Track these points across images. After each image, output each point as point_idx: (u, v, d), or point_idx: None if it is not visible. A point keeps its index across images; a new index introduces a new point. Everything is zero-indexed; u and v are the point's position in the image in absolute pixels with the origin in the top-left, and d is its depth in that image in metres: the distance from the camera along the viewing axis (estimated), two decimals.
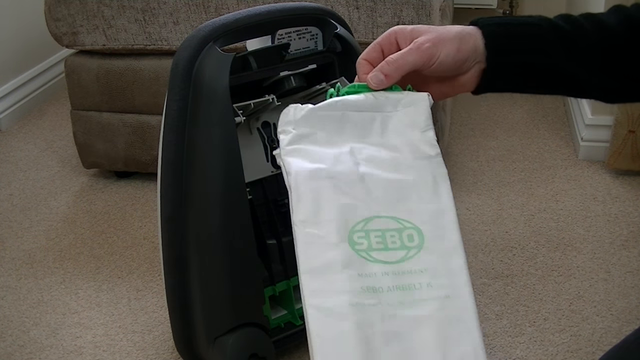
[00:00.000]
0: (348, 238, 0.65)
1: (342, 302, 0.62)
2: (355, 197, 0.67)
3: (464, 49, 0.73)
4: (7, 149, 2.06)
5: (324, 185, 0.67)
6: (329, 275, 0.64)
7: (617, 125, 1.69)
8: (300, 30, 1.12)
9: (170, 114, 1.03)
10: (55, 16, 1.64)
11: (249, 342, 1.06)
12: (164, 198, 1.06)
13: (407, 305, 0.64)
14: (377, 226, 0.67)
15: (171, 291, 1.10)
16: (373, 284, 0.64)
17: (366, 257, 0.65)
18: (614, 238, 1.51)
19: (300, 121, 0.71)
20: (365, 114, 0.72)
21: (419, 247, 0.66)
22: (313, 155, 0.69)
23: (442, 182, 0.70)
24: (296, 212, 0.66)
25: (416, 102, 0.73)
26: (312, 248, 0.65)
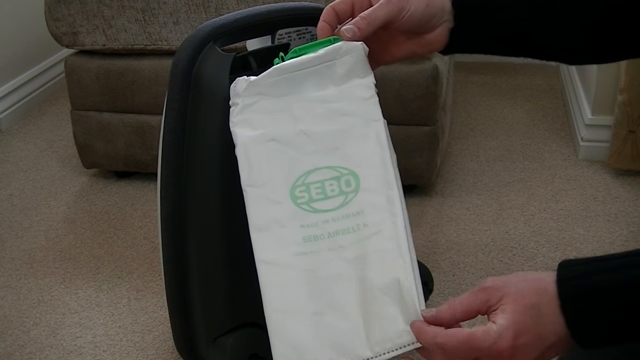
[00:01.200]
0: (290, 194, 0.71)
1: (286, 253, 0.69)
2: (294, 154, 0.72)
3: (433, 5, 0.76)
4: (7, 149, 2.07)
5: (266, 149, 0.73)
6: (274, 231, 0.70)
7: (617, 125, 1.69)
8: (300, 30, 1.12)
9: (170, 114, 1.03)
10: (55, 16, 1.64)
11: (249, 342, 1.06)
12: (164, 198, 1.06)
13: (346, 247, 0.69)
14: (317, 178, 0.72)
15: (171, 291, 1.10)
16: (314, 232, 0.69)
17: (307, 209, 0.70)
18: (614, 238, 1.51)
19: (245, 92, 0.77)
20: (304, 71, 0.76)
21: (355, 190, 0.71)
22: (256, 122, 0.75)
23: (373, 123, 0.74)
24: (243, 177, 0.73)
25: (352, 51, 0.76)
26: (258, 207, 0.71)
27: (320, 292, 0.68)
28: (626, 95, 1.66)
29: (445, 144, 1.79)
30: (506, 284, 0.64)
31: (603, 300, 0.61)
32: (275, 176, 0.72)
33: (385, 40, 0.79)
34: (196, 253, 1.05)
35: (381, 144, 0.73)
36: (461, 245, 1.51)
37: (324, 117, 0.75)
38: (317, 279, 0.68)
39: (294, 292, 0.68)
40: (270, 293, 0.69)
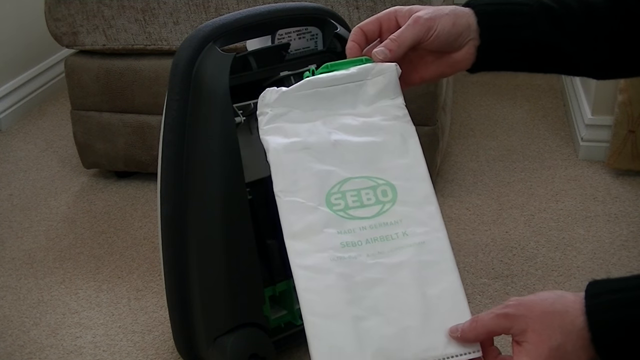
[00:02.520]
0: (325, 201, 0.70)
1: (324, 258, 0.67)
2: (329, 163, 0.72)
3: (459, 24, 0.76)
4: (7, 149, 2.07)
5: (300, 156, 0.72)
6: (310, 237, 0.68)
7: (617, 125, 1.69)
8: (300, 30, 1.12)
9: (170, 114, 1.03)
10: (55, 16, 1.64)
11: (249, 342, 1.06)
12: (164, 198, 1.06)
13: (386, 254, 0.68)
14: (352, 186, 0.71)
15: (171, 291, 1.10)
16: (352, 238, 0.68)
17: (344, 215, 0.69)
18: (614, 238, 1.51)
19: (275, 102, 0.76)
20: (336, 88, 0.76)
21: (392, 200, 0.70)
22: (288, 131, 0.74)
23: (410, 139, 0.74)
24: (275, 183, 0.71)
25: (384, 71, 0.76)
26: (293, 214, 0.69)
27: (360, 296, 0.66)
28: (626, 95, 1.66)
29: (445, 144, 1.79)
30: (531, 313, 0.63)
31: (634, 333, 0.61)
32: (310, 184, 0.70)
33: (414, 61, 0.80)
34: (196, 253, 1.05)
35: (418, 160, 0.73)
36: (461, 245, 1.51)
37: (359, 130, 0.74)
38: (357, 284, 0.66)
39: (333, 295, 0.66)
40: (308, 297, 0.66)
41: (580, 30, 0.77)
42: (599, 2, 0.78)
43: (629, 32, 0.77)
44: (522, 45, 0.78)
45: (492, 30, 0.78)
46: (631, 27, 0.77)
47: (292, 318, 1.18)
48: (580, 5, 0.78)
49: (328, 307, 0.66)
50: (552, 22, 0.77)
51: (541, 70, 0.83)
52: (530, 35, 0.77)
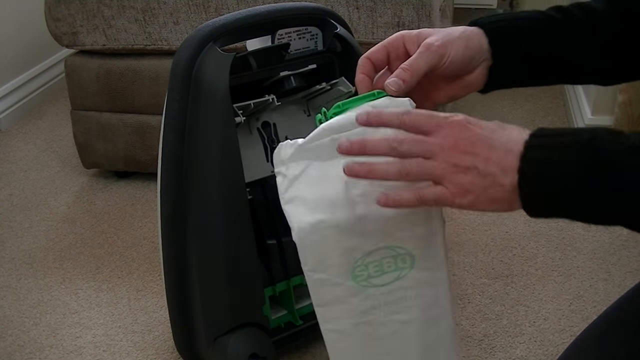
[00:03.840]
0: (351, 274, 0.75)
1: (349, 324, 0.77)
2: (355, 239, 0.75)
3: (471, 47, 0.75)
4: (7, 149, 2.07)
5: (325, 235, 0.74)
6: (337, 306, 0.77)
7: (617, 125, 1.69)
8: (300, 30, 1.12)
9: (170, 114, 1.03)
10: (55, 16, 1.64)
11: (249, 342, 1.06)
12: (164, 198, 1.06)
13: (398, 312, 0.78)
14: (375, 257, 0.76)
15: (171, 291, 1.10)
16: (372, 303, 0.77)
17: (366, 284, 0.76)
18: (614, 238, 1.51)
19: (291, 158, 0.75)
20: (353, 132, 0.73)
21: (410, 267, 0.76)
22: (310, 201, 0.75)
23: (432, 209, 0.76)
24: (304, 262, 0.75)
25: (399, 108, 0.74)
26: (322, 289, 0.76)
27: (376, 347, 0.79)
28: (626, 95, 1.66)
29: None
30: None
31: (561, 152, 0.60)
32: (337, 261, 0.75)
33: (425, 87, 0.78)
34: (196, 253, 1.05)
35: (438, 228, 0.76)
36: (461, 245, 1.51)
37: None
38: (374, 339, 0.78)
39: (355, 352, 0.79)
40: (335, 354, 0.79)
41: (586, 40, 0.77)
42: (602, 9, 0.78)
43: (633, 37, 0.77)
44: (532, 60, 0.78)
45: (503, 49, 0.77)
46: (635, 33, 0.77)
47: (292, 318, 1.18)
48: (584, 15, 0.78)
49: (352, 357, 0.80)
50: (559, 34, 0.77)
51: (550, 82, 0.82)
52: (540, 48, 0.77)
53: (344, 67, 1.14)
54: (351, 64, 1.12)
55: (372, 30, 1.52)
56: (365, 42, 1.50)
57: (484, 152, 0.63)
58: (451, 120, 0.65)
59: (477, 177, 0.63)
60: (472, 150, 0.63)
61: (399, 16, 1.50)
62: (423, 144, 0.66)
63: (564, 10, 0.78)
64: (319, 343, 1.24)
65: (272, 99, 1.09)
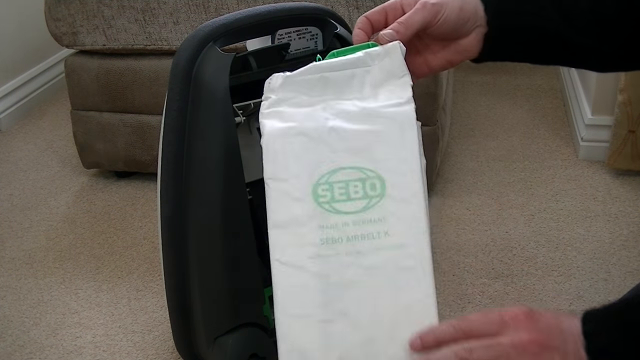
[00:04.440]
0: (312, 192, 0.69)
1: (303, 255, 0.67)
2: (321, 151, 0.70)
3: (466, 9, 0.77)
4: (7, 149, 2.07)
5: (293, 142, 0.71)
6: (292, 229, 0.68)
7: (617, 125, 1.69)
8: (300, 30, 1.12)
9: (170, 114, 1.03)
10: (55, 16, 1.64)
11: (249, 342, 1.06)
12: (164, 198, 1.06)
13: (364, 254, 0.67)
14: (342, 177, 0.69)
15: (171, 291, 1.10)
16: (333, 234, 0.68)
17: (328, 208, 0.68)
18: (614, 238, 1.51)
19: (281, 88, 0.75)
20: (344, 72, 0.76)
21: (380, 195, 0.69)
22: (287, 116, 0.73)
23: (409, 130, 0.72)
24: (266, 169, 0.71)
25: (390, 53, 0.76)
26: (279, 203, 0.69)
27: (332, 299, 0.66)
28: (626, 95, 1.66)
29: (445, 144, 1.79)
30: None
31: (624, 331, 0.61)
32: (300, 172, 0.70)
33: (421, 50, 0.81)
34: (196, 253, 1.05)
35: (413, 153, 0.70)
36: (461, 245, 1.51)
37: (357, 116, 0.73)
38: (331, 285, 0.67)
39: (305, 296, 0.67)
40: (282, 295, 0.68)
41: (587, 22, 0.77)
42: None
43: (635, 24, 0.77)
44: (529, 33, 0.78)
45: (499, 18, 0.78)
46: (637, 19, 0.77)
47: None
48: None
49: (299, 307, 0.66)
50: (560, 12, 0.77)
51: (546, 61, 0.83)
52: (538, 23, 0.77)
53: None
54: None
55: None
56: None
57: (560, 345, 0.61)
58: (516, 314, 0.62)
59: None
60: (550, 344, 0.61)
61: None
62: (496, 346, 0.60)
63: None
64: None
65: None
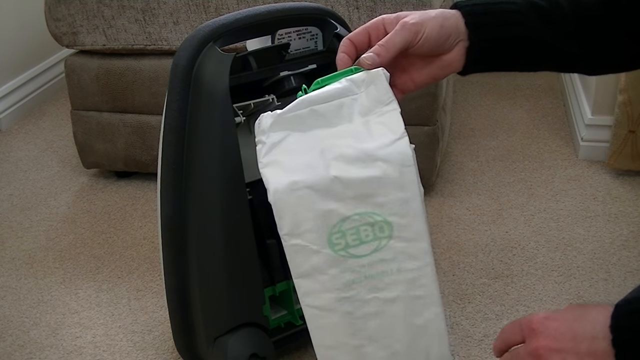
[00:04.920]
0: (328, 241, 0.75)
1: (330, 299, 0.76)
2: (329, 201, 0.75)
3: (447, 25, 0.77)
4: (7, 149, 2.07)
5: (300, 196, 0.75)
6: (315, 277, 0.76)
7: (617, 125, 1.69)
8: (300, 30, 1.12)
9: (170, 114, 1.03)
10: (55, 16, 1.64)
11: (249, 342, 1.06)
12: (164, 198, 1.06)
13: (381, 289, 0.77)
14: (352, 224, 0.76)
15: (171, 291, 1.10)
16: (353, 277, 0.76)
17: (344, 254, 0.76)
18: (614, 238, 1.51)
19: (272, 128, 0.78)
20: (332, 103, 0.78)
21: (389, 237, 0.76)
22: (287, 165, 0.76)
23: (406, 170, 0.77)
24: (280, 226, 0.76)
25: (374, 80, 0.78)
26: (299, 256, 0.76)
27: (359, 329, 0.77)
28: (626, 95, 1.66)
29: (445, 144, 1.79)
30: None
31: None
32: (312, 227, 0.75)
33: (405, 67, 0.81)
34: (196, 253, 1.05)
35: (413, 193, 0.77)
36: (461, 245, 1.51)
37: (356, 160, 0.76)
38: (357, 319, 0.77)
39: (337, 331, 0.78)
40: (317, 333, 0.78)
41: (570, 28, 0.78)
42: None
43: (619, 28, 0.77)
44: (511, 43, 0.78)
45: (480, 30, 0.78)
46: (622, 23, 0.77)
47: (292, 318, 1.18)
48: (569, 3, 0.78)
49: (334, 340, 0.78)
50: (542, 19, 0.77)
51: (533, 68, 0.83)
52: (519, 32, 0.77)
53: None
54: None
55: None
56: None
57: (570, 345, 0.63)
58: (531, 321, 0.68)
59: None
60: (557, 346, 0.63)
61: None
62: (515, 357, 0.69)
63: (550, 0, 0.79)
64: None
65: (272, 99, 1.09)
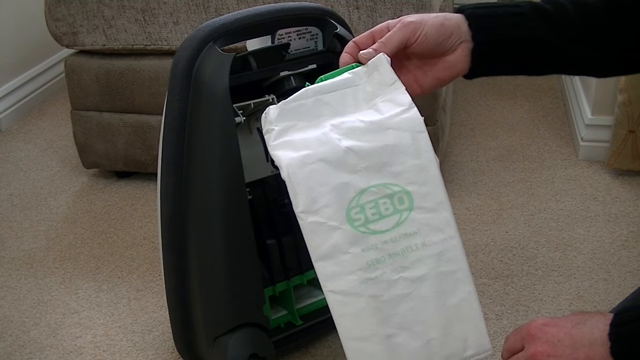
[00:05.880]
0: (346, 217, 0.72)
1: (353, 281, 0.71)
2: (344, 175, 0.73)
3: (448, 25, 0.77)
4: (7, 149, 2.07)
5: (314, 170, 0.72)
6: (337, 258, 0.71)
7: (617, 125, 1.69)
8: (300, 30, 1.12)
9: (170, 114, 1.03)
10: (55, 16, 1.64)
11: (249, 342, 1.06)
12: (164, 198, 1.06)
13: (408, 267, 0.72)
14: (370, 197, 0.73)
15: (171, 291, 1.10)
16: (376, 255, 0.72)
17: (365, 231, 0.72)
18: (614, 238, 1.51)
19: (279, 118, 0.77)
20: (336, 93, 0.78)
21: (409, 208, 0.73)
22: (298, 143, 0.74)
23: (420, 135, 0.75)
24: (295, 204, 0.72)
25: (377, 66, 0.78)
26: (317, 235, 0.71)
27: (389, 314, 0.72)
28: (626, 95, 1.66)
29: (445, 144, 1.79)
30: None
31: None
32: (329, 201, 0.72)
33: (410, 68, 0.82)
34: (196, 253, 1.05)
35: (429, 159, 0.74)
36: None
37: (367, 131, 0.75)
38: (384, 303, 0.72)
39: (364, 319, 0.71)
40: (343, 322, 0.71)
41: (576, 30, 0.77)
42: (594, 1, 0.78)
43: (626, 30, 0.77)
44: (516, 44, 0.78)
45: (484, 32, 0.78)
46: (628, 25, 0.77)
47: (292, 318, 1.18)
48: (574, 6, 0.78)
49: (362, 330, 0.71)
50: (546, 22, 0.77)
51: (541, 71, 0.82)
52: (523, 33, 0.77)
53: None
54: None
55: None
56: None
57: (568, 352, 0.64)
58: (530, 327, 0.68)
59: None
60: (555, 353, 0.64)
61: (399, 16, 1.49)
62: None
63: (554, 2, 0.79)
64: (319, 343, 1.24)
65: (272, 99, 1.09)
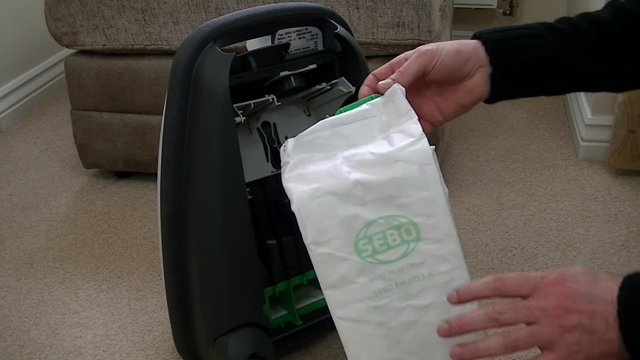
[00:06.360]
0: (354, 248, 0.74)
1: (361, 309, 0.74)
2: (352, 206, 0.74)
3: (464, 51, 0.77)
4: (7, 149, 2.07)
5: (323, 202, 0.74)
6: (345, 287, 0.74)
7: (617, 125, 1.69)
8: (300, 30, 1.12)
9: (170, 114, 1.03)
10: (55, 16, 1.64)
11: (249, 342, 1.06)
12: (164, 198, 1.06)
13: (414, 296, 0.74)
14: (378, 228, 0.74)
15: (171, 291, 1.10)
16: (383, 285, 0.74)
17: (373, 261, 0.74)
18: (614, 238, 1.51)
19: (295, 150, 0.78)
20: (353, 125, 0.79)
21: (416, 239, 0.74)
22: (310, 176, 0.76)
23: (428, 168, 0.75)
24: (305, 235, 0.75)
25: (392, 97, 0.78)
26: (327, 266, 0.74)
27: (397, 340, 0.74)
28: (626, 95, 1.66)
29: (445, 144, 1.79)
30: None
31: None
32: (337, 233, 0.74)
33: (432, 98, 0.82)
34: (196, 253, 1.05)
35: (437, 191, 0.75)
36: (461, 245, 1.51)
37: (376, 165, 0.76)
38: (392, 329, 0.74)
39: (373, 344, 0.74)
40: (352, 348, 0.75)
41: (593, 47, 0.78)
42: (608, 18, 0.78)
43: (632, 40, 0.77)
44: (534, 65, 0.78)
45: (500, 55, 0.78)
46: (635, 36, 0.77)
47: (292, 318, 1.18)
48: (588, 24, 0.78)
49: (371, 355, 0.74)
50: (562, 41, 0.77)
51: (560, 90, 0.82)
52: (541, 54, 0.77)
53: (344, 67, 1.14)
54: (351, 63, 1.12)
55: (372, 30, 1.52)
56: (365, 42, 1.50)
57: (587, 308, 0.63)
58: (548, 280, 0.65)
59: (584, 335, 0.62)
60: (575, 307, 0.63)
61: (399, 16, 1.50)
62: (524, 309, 0.65)
63: (569, 21, 0.79)
64: (319, 343, 1.24)
65: (272, 99, 1.09)
